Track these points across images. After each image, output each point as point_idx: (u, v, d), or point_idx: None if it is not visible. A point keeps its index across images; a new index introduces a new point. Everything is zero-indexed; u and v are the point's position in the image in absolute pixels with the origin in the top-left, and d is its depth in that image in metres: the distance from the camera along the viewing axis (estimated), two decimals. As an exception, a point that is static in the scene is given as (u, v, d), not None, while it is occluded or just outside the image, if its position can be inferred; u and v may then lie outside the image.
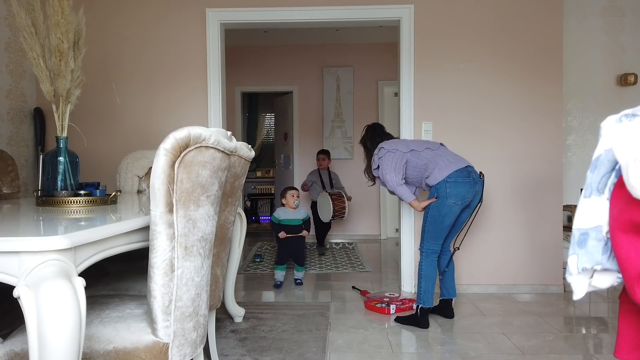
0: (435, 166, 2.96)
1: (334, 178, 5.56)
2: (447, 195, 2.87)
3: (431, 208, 2.95)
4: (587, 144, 4.24)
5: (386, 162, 3.06)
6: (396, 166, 3.04)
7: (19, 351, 1.32)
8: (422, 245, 3.01)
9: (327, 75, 6.52)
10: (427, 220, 2.97)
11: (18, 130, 3.74)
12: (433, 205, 2.93)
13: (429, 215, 2.96)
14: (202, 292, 1.56)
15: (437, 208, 2.92)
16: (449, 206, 2.88)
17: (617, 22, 4.19)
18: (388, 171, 3.05)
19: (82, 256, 1.23)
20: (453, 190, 2.87)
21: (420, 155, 3.05)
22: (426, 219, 2.98)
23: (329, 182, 5.47)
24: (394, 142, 3.14)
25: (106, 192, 2.07)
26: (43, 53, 2.07)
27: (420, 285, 2.99)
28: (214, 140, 1.47)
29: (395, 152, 3.06)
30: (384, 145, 3.12)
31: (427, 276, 2.98)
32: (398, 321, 3.03)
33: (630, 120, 1.04)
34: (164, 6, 3.86)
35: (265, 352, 2.52)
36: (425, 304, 2.96)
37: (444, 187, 2.88)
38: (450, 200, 2.87)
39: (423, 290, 2.97)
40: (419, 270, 3.01)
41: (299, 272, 4.08)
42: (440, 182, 2.90)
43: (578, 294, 1.13)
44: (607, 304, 3.44)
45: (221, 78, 3.87)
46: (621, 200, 1.04)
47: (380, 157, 3.10)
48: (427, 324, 2.94)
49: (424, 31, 3.77)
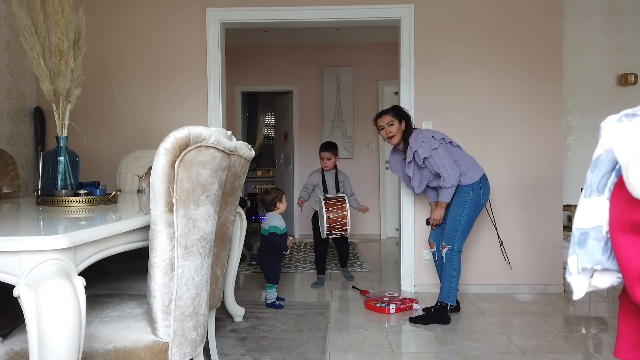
0: (470, 165, 3.03)
1: (342, 181, 4.14)
2: (482, 195, 3.03)
3: (468, 207, 3.00)
4: (587, 144, 4.24)
5: (443, 155, 2.95)
6: (451, 160, 2.97)
7: (19, 350, 1.32)
8: (456, 245, 3.03)
9: (327, 75, 6.53)
10: (462, 220, 3.00)
11: (18, 130, 3.74)
12: (470, 205, 3.00)
13: (465, 214, 3.00)
14: (202, 291, 1.56)
15: (473, 208, 3.02)
16: (482, 205, 3.06)
17: (618, 22, 4.19)
18: (449, 165, 2.93)
19: (82, 255, 1.23)
20: (486, 191, 3.05)
21: (453, 150, 3.05)
22: (460, 218, 3.00)
23: (334, 186, 4.08)
24: (437, 132, 3.05)
25: (106, 192, 2.07)
26: (43, 52, 2.07)
27: (452, 283, 3.02)
28: (214, 139, 1.47)
29: (442, 143, 2.99)
30: (434, 134, 2.99)
31: (459, 274, 3.06)
32: (415, 321, 3.01)
33: (631, 120, 1.04)
34: (164, 5, 3.86)
35: (265, 352, 2.52)
36: (452, 302, 3.04)
37: (478, 187, 3.01)
38: (483, 200, 3.04)
39: (453, 289, 3.03)
40: (452, 269, 3.03)
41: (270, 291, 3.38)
42: (477, 181, 3.01)
43: (578, 294, 1.13)
44: (607, 303, 3.45)
45: (221, 77, 3.87)
46: (621, 200, 1.04)
47: (434, 148, 2.94)
48: (449, 319, 3.02)
49: (424, 31, 3.77)
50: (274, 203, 3.42)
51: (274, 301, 3.34)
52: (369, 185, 6.49)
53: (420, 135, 3.01)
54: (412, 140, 3.02)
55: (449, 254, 3.03)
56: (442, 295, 3.04)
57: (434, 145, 2.95)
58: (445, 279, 3.04)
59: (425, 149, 2.96)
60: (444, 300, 3.02)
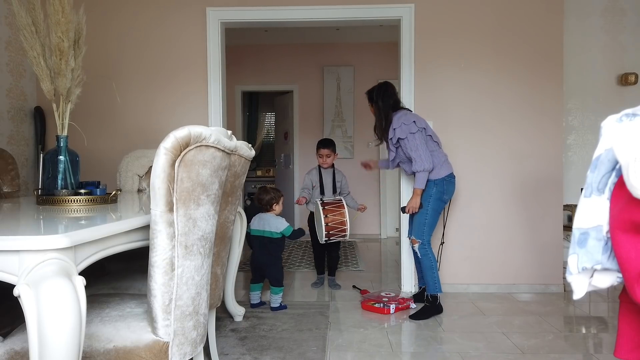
0: (439, 162, 3.19)
1: (340, 180, 4.03)
2: (445, 191, 3.20)
3: (432, 201, 3.16)
4: (587, 144, 4.24)
5: (419, 141, 3.11)
6: (425, 147, 3.13)
7: (19, 350, 1.32)
8: (425, 238, 3.17)
9: (327, 75, 6.52)
10: (428, 213, 3.16)
11: (18, 129, 3.74)
12: (435, 198, 3.17)
13: (431, 208, 3.17)
14: (202, 291, 1.56)
15: (437, 202, 3.19)
16: (445, 201, 3.25)
17: (618, 22, 4.19)
18: (422, 151, 3.09)
19: (82, 255, 1.23)
20: (450, 188, 3.23)
21: (429, 143, 3.20)
22: (427, 212, 3.16)
23: (331, 186, 3.95)
24: (420, 119, 3.20)
25: (106, 191, 2.07)
26: (43, 52, 2.07)
27: (434, 274, 3.16)
28: (214, 139, 1.47)
29: (422, 132, 3.15)
30: (415, 120, 3.15)
31: (435, 265, 3.19)
32: (416, 317, 3.10)
33: (631, 119, 1.04)
34: (164, 5, 3.86)
35: (265, 351, 2.52)
36: (439, 290, 3.18)
37: (442, 184, 3.18)
38: (446, 196, 3.23)
39: (437, 279, 3.17)
40: (430, 261, 3.18)
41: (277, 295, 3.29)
42: (441, 178, 3.17)
43: (578, 294, 1.13)
44: (607, 303, 3.45)
45: (221, 77, 3.86)
46: (621, 200, 1.04)
47: (412, 132, 3.12)
48: (442, 307, 3.21)
49: (424, 30, 3.76)
50: (270, 204, 3.34)
51: (280, 304, 3.28)
52: (369, 185, 6.49)
53: (405, 117, 3.17)
54: (396, 119, 3.20)
55: (422, 249, 3.18)
56: (430, 289, 3.18)
57: (413, 129, 3.11)
58: (427, 273, 3.18)
59: (404, 130, 3.13)
60: (433, 292, 3.16)
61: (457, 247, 3.76)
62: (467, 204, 3.75)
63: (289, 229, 3.32)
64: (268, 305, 3.31)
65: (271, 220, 3.32)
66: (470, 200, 3.75)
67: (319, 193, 3.95)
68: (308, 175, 4.05)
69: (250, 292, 3.38)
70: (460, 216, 3.75)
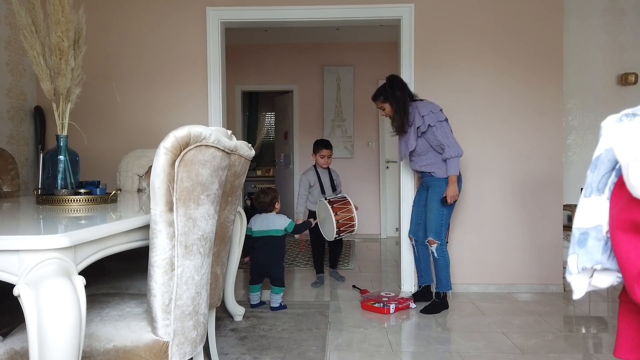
0: None
1: (336, 179, 4.17)
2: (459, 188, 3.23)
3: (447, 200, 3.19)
4: (587, 144, 4.24)
5: (448, 128, 3.17)
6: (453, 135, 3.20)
7: (19, 349, 1.32)
8: (442, 238, 3.22)
9: (327, 74, 6.52)
10: (444, 213, 3.21)
11: (18, 129, 3.74)
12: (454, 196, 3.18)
13: (445, 207, 3.21)
14: (202, 290, 1.56)
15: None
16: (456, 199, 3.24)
17: (618, 22, 4.19)
18: (453, 137, 3.16)
19: (82, 255, 1.23)
20: (461, 185, 3.25)
21: None
22: (442, 212, 3.20)
23: (330, 185, 4.07)
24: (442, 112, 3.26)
25: (106, 191, 2.07)
26: (43, 51, 2.07)
27: (447, 273, 3.24)
28: (214, 139, 1.47)
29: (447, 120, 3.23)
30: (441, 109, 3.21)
31: (449, 263, 3.27)
32: (427, 312, 3.18)
33: (631, 119, 1.04)
34: (164, 4, 3.86)
35: (265, 351, 2.52)
36: (451, 289, 3.29)
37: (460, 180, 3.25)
38: None
39: (449, 277, 3.26)
40: (446, 261, 3.25)
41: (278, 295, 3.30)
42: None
43: (578, 294, 1.13)
44: (607, 303, 3.45)
45: (221, 77, 3.86)
46: (621, 200, 1.04)
47: (440, 120, 3.17)
48: (448, 304, 3.31)
49: (424, 30, 3.76)
50: (273, 204, 3.40)
51: (280, 303, 3.28)
52: (369, 185, 6.49)
53: (430, 105, 3.24)
54: (422, 106, 3.22)
55: (439, 250, 3.23)
56: (441, 286, 3.26)
57: (441, 117, 3.18)
58: (442, 272, 3.24)
59: (432, 118, 3.16)
60: (445, 290, 3.26)
61: (457, 247, 3.76)
62: (467, 203, 3.75)
63: (291, 224, 3.41)
64: (268, 305, 3.32)
65: (275, 219, 3.36)
66: (470, 200, 3.75)
67: (319, 192, 4.02)
68: (305, 176, 4.10)
69: (250, 293, 3.38)
70: (460, 216, 3.75)
